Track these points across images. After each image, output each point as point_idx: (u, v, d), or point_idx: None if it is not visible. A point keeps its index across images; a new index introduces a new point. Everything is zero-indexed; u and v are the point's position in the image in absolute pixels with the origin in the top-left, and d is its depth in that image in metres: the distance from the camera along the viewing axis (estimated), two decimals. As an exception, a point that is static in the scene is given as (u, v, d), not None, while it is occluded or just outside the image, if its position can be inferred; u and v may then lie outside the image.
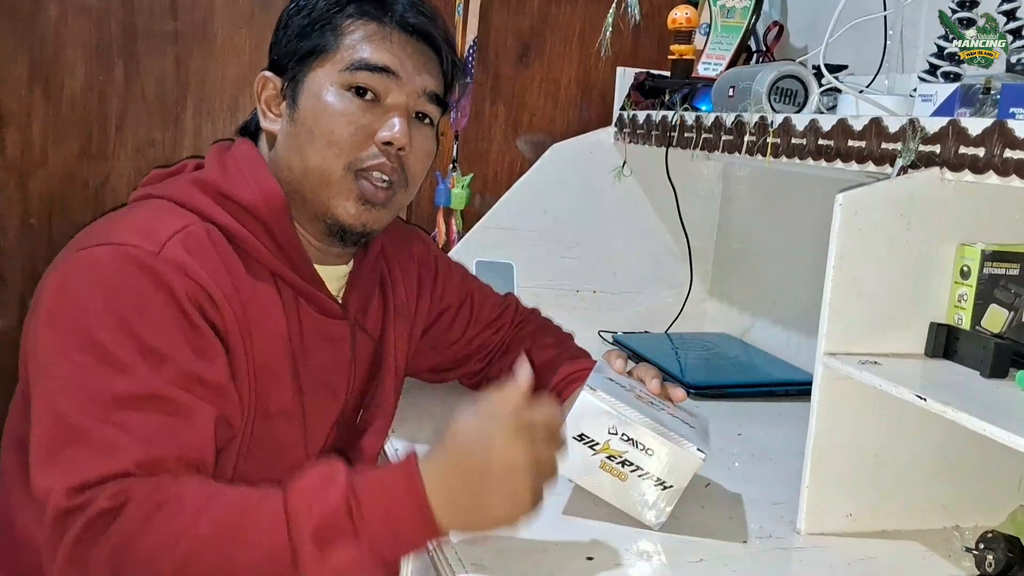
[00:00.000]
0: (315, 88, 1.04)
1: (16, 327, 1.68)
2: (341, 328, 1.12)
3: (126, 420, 0.85)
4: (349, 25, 1.05)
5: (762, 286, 1.76)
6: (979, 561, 0.91)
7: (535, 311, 1.42)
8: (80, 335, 0.88)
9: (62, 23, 1.63)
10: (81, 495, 0.81)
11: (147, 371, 0.88)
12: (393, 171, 1.05)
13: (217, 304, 0.95)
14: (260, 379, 1.01)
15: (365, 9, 1.06)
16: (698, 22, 1.64)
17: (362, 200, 1.04)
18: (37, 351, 0.91)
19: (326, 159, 1.03)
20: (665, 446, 0.95)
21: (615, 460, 0.95)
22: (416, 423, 1.24)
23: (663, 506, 0.97)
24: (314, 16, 1.06)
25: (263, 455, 1.02)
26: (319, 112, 1.03)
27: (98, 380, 0.87)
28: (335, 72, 1.04)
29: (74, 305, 0.90)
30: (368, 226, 1.07)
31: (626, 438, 0.95)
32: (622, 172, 1.75)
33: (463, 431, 0.84)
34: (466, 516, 0.82)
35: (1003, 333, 0.99)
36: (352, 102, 1.03)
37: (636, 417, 0.95)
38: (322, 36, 1.05)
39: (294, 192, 1.06)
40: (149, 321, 0.90)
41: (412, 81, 1.05)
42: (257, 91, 1.09)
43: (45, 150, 1.66)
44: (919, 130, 0.97)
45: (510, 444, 0.81)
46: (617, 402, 0.96)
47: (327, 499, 0.80)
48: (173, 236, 0.95)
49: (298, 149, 1.04)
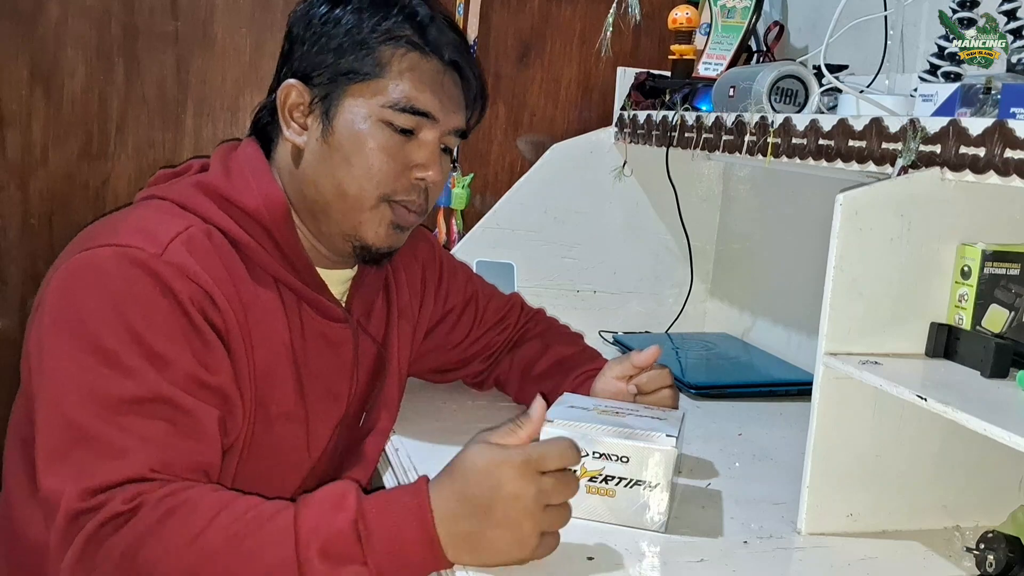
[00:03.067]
0: (354, 115, 1.04)
1: (16, 327, 1.68)
2: (344, 331, 1.12)
3: (134, 424, 0.86)
4: (394, 55, 1.04)
5: (762, 286, 1.76)
6: (980, 561, 0.91)
7: (541, 311, 1.42)
8: (86, 339, 0.88)
9: (62, 24, 1.63)
10: (95, 497, 0.82)
11: (153, 375, 0.88)
12: (422, 205, 1.09)
13: (219, 306, 0.96)
14: (261, 381, 1.01)
15: (409, 39, 1.05)
16: (698, 22, 1.64)
17: (395, 225, 1.07)
18: (42, 354, 0.90)
19: (363, 189, 1.04)
20: (634, 447, 0.95)
21: (597, 480, 0.96)
22: (417, 423, 1.24)
23: (659, 506, 0.96)
24: (354, 36, 1.04)
25: (264, 457, 1.02)
26: (358, 142, 1.04)
27: (106, 383, 0.87)
28: (377, 106, 1.04)
29: (79, 309, 0.90)
30: (394, 247, 1.10)
31: (597, 454, 0.95)
32: (622, 172, 1.75)
33: (473, 463, 0.83)
34: (471, 550, 0.82)
35: (1003, 333, 0.99)
36: (392, 138, 1.05)
37: (599, 430, 0.96)
38: (362, 60, 1.04)
39: (320, 210, 1.06)
40: (154, 325, 0.90)
41: (447, 121, 1.07)
42: (281, 99, 1.06)
43: (45, 150, 1.66)
44: (919, 130, 0.97)
45: (517, 482, 0.81)
46: (577, 423, 0.96)
47: (336, 521, 0.80)
48: (175, 238, 0.95)
49: (330, 171, 1.05)
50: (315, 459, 1.10)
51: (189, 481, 0.86)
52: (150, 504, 0.81)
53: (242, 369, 0.98)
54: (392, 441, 1.18)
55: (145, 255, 0.92)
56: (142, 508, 0.81)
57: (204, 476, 0.89)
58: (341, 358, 1.12)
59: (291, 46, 1.09)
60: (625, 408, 1.06)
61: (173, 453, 0.87)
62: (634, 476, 0.95)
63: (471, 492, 0.81)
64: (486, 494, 0.81)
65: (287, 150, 1.08)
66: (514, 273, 1.73)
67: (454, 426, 1.25)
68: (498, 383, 1.37)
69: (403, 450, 1.16)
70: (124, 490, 0.82)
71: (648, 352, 1.19)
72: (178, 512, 0.81)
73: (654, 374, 1.19)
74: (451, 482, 0.83)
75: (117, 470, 0.83)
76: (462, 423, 1.27)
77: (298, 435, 1.07)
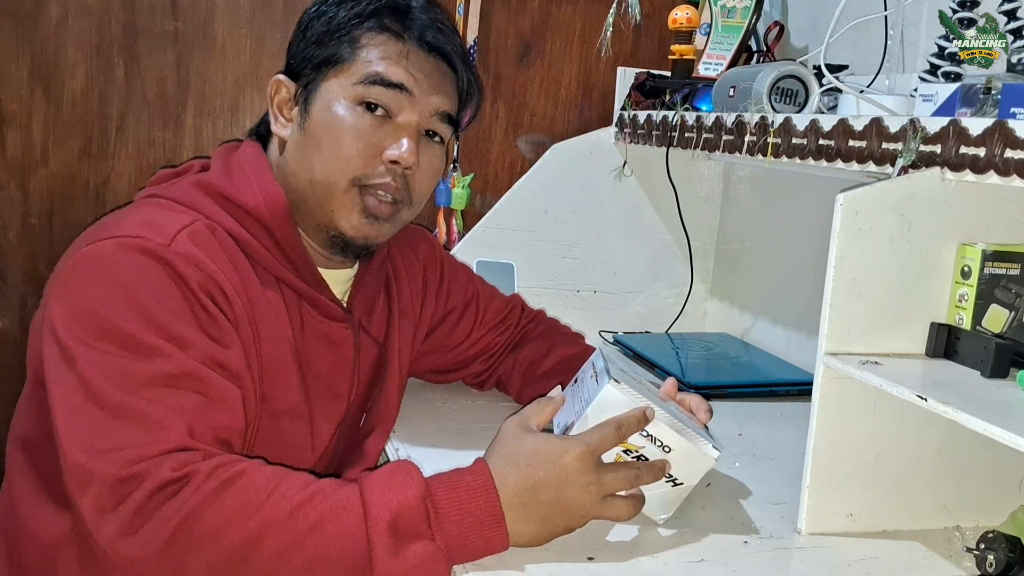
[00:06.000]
0: (327, 99, 1.03)
1: (17, 327, 1.68)
2: (344, 332, 1.12)
3: (166, 397, 0.85)
4: (367, 38, 1.04)
5: (762, 286, 1.76)
6: (980, 561, 0.91)
7: (541, 312, 1.42)
8: (103, 326, 0.88)
9: (63, 23, 1.63)
10: (137, 465, 0.81)
11: (177, 353, 0.88)
12: (397, 190, 1.05)
13: (228, 296, 0.96)
14: (267, 376, 1.01)
15: (385, 23, 1.05)
16: (699, 22, 1.63)
17: (366, 213, 1.04)
18: (59, 348, 0.89)
19: (332, 172, 1.02)
20: (683, 444, 0.94)
21: (631, 454, 0.94)
22: (417, 423, 1.24)
23: (672, 502, 0.97)
24: (333, 25, 1.05)
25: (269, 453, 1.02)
26: (329, 124, 1.03)
27: (130, 363, 0.86)
28: (349, 84, 1.03)
29: (92, 298, 0.90)
30: (370, 239, 1.07)
31: (645, 434, 0.94)
32: (622, 172, 1.75)
33: (536, 450, 0.88)
34: (532, 533, 0.87)
35: (1004, 333, 0.99)
36: (363, 117, 1.02)
37: (659, 414, 0.94)
38: (339, 46, 1.04)
39: (300, 200, 1.06)
40: (167, 308, 0.90)
41: (425, 100, 1.05)
42: (270, 94, 1.08)
43: (46, 150, 1.66)
44: (920, 130, 0.97)
45: (584, 475, 0.87)
46: (640, 397, 0.95)
47: (405, 496, 0.82)
48: (181, 231, 0.95)
49: (305, 159, 1.04)
50: (318, 457, 1.10)
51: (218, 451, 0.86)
52: (203, 473, 0.81)
53: (251, 359, 0.98)
54: (392, 441, 1.18)
55: (152, 244, 0.92)
56: (194, 477, 0.81)
57: (229, 449, 0.89)
58: (342, 358, 1.12)
59: (288, 46, 1.10)
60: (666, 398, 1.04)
61: (204, 424, 0.86)
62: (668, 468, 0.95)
63: (538, 479, 0.86)
64: (553, 483, 0.86)
65: (275, 145, 1.09)
66: (514, 273, 1.73)
67: (454, 426, 1.25)
68: (500, 383, 1.37)
69: (403, 450, 1.16)
70: (169, 458, 0.81)
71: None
72: (236, 483, 0.81)
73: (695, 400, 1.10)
74: (515, 470, 0.87)
75: (157, 441, 0.82)
76: (462, 423, 1.27)
77: (302, 432, 1.07)
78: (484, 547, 0.85)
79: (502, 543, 0.85)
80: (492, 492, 0.85)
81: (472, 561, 0.86)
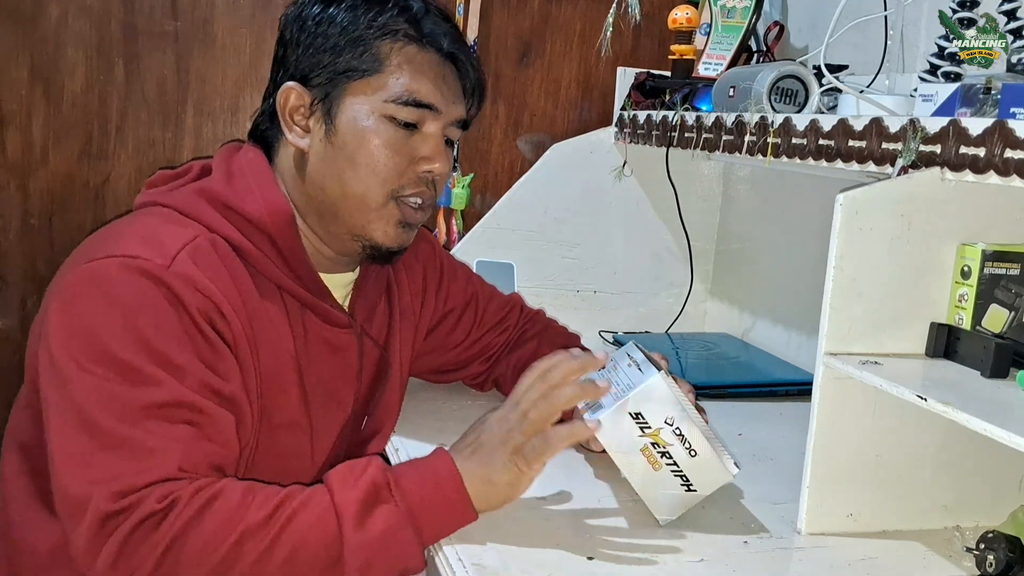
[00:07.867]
0: (356, 113, 1.03)
1: (16, 327, 1.68)
2: (347, 337, 1.11)
3: (158, 427, 0.87)
4: (391, 50, 1.04)
5: (762, 286, 1.76)
6: (980, 561, 0.91)
7: (540, 312, 1.42)
8: (100, 350, 0.88)
9: (62, 23, 1.63)
10: (126, 498, 0.83)
11: (172, 382, 0.89)
12: (430, 196, 1.08)
13: (226, 317, 0.96)
14: (266, 391, 1.01)
15: (405, 32, 1.04)
16: (698, 22, 1.63)
17: (403, 223, 1.07)
18: (54, 367, 0.90)
19: (369, 187, 1.04)
20: (709, 452, 0.96)
21: (657, 448, 0.95)
22: (417, 423, 1.24)
23: (679, 506, 0.98)
24: (350, 33, 1.03)
25: (269, 467, 1.02)
26: (361, 140, 1.03)
27: (125, 391, 0.87)
28: (379, 101, 1.03)
29: (91, 320, 0.90)
30: (404, 245, 1.09)
31: (678, 432, 0.95)
32: (622, 172, 1.75)
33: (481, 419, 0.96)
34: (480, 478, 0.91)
35: (1004, 333, 0.99)
36: (396, 132, 1.04)
37: (695, 417, 0.96)
38: (360, 57, 1.03)
39: (325, 211, 1.06)
40: (165, 335, 0.90)
41: (449, 112, 1.07)
42: (280, 103, 1.05)
43: (46, 150, 1.66)
44: (920, 130, 0.97)
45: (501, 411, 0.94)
46: (681, 395, 0.96)
47: (364, 475, 0.89)
48: (182, 249, 0.95)
49: (336, 173, 1.04)
50: (319, 466, 1.10)
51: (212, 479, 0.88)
52: (184, 499, 0.83)
53: (249, 379, 0.98)
54: (392, 441, 1.18)
55: (152, 266, 0.92)
56: (177, 504, 0.83)
57: (223, 475, 0.91)
58: (345, 363, 1.12)
59: (285, 50, 1.07)
60: None
61: (198, 454, 0.88)
62: (687, 471, 0.96)
63: (479, 431, 0.95)
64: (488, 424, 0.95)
65: (290, 154, 1.07)
66: (514, 273, 1.73)
67: (454, 426, 1.24)
68: (497, 384, 1.36)
69: (403, 450, 1.16)
70: (155, 490, 0.84)
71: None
72: (214, 503, 0.84)
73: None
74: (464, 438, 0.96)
75: (147, 471, 0.85)
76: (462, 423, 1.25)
77: (302, 444, 1.07)
78: (444, 502, 0.89)
79: (461, 497, 0.90)
80: (446, 456, 0.92)
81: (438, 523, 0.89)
